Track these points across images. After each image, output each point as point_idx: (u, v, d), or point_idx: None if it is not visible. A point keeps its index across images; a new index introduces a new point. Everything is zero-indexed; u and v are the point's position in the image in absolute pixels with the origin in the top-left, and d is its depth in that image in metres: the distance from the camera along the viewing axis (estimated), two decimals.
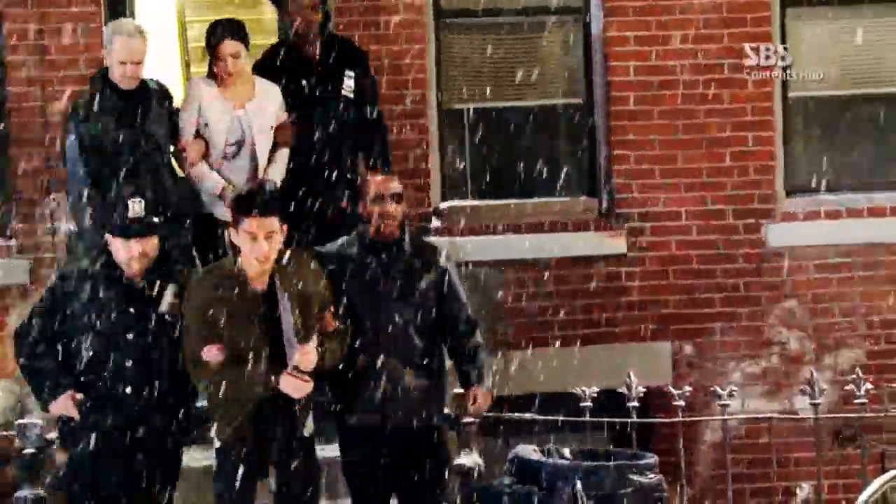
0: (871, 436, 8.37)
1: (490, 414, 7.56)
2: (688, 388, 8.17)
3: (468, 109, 9.35)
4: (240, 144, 7.86)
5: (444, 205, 9.21)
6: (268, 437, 6.50)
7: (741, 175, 9.29)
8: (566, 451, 7.45)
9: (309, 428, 6.61)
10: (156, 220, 6.49)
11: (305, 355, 6.37)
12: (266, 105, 7.90)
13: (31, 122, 8.92)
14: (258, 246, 6.32)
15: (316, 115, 8.12)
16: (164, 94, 7.77)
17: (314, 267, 6.63)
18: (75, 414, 6.45)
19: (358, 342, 6.72)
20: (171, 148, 7.81)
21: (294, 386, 6.38)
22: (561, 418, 7.81)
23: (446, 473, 6.94)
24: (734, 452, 8.38)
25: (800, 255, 9.27)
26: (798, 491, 8.43)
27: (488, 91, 9.37)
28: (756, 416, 8.70)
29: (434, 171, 9.23)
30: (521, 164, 9.30)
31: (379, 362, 6.74)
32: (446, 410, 6.99)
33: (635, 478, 7.62)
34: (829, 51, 9.59)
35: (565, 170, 9.42)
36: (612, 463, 7.41)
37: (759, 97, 9.32)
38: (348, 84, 8.22)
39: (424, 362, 6.88)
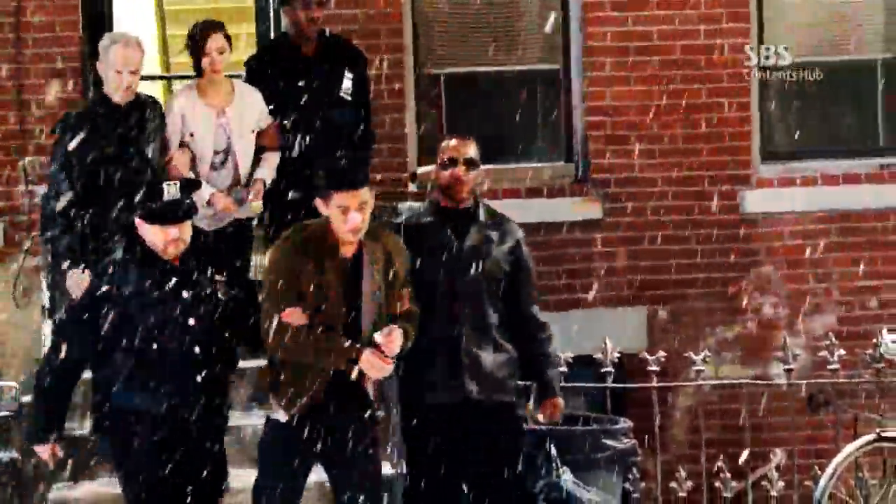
0: (843, 401, 8.41)
1: None
2: (662, 354, 8.19)
3: (445, 75, 9.33)
4: (225, 153, 7.71)
5: (420, 170, 9.13)
6: (336, 415, 6.17)
7: (717, 141, 9.29)
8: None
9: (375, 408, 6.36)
10: (189, 202, 6.20)
11: (391, 339, 6.08)
12: (245, 109, 7.73)
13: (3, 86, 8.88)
14: (351, 218, 6.03)
15: (312, 115, 7.93)
16: (156, 108, 7.57)
17: (400, 242, 6.39)
18: (51, 463, 6.32)
19: (432, 315, 6.49)
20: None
21: (376, 366, 6.06)
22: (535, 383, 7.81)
23: (520, 452, 6.81)
24: (708, 418, 8.41)
25: (775, 221, 9.28)
26: (772, 456, 8.42)
27: (465, 56, 9.35)
28: (730, 382, 8.72)
29: (410, 135, 9.17)
30: (498, 130, 9.28)
31: (455, 336, 6.58)
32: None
33: (609, 442, 7.63)
34: (805, 18, 9.58)
35: (542, 136, 9.44)
36: (585, 428, 7.44)
37: (736, 63, 9.31)
38: (346, 85, 8.07)
39: (498, 336, 6.71)
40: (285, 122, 7.86)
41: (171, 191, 6.12)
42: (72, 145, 7.23)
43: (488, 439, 6.65)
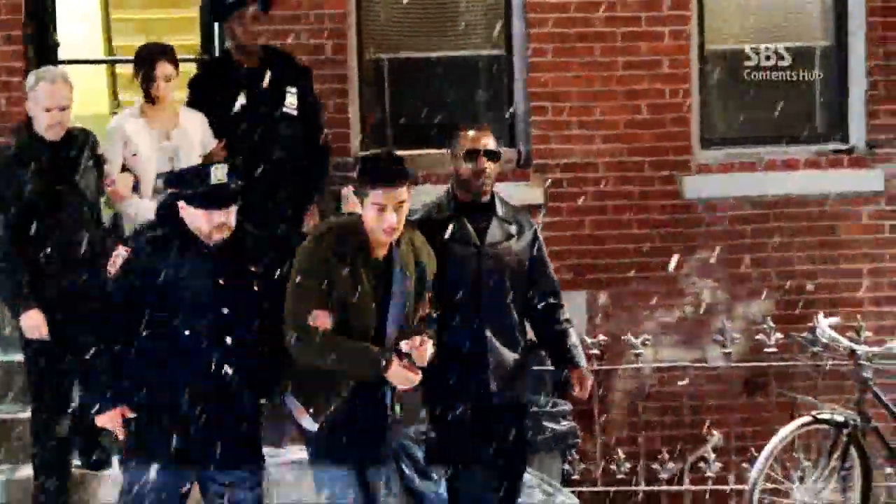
0: (780, 384, 8.52)
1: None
2: (602, 338, 8.27)
3: (388, 59, 9.31)
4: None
5: (363, 154, 9.14)
6: (362, 422, 5.93)
7: (657, 127, 9.33)
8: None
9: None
10: (235, 186, 5.89)
11: (422, 350, 5.82)
12: (191, 133, 7.62)
13: None
14: (386, 217, 5.74)
15: (255, 131, 7.82)
16: (89, 140, 7.29)
17: (429, 247, 6.10)
18: (120, 434, 5.98)
19: (455, 314, 6.27)
20: (100, 193, 7.40)
21: (404, 378, 5.80)
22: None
23: (525, 449, 6.78)
24: (648, 400, 8.50)
25: (714, 206, 9.36)
26: (709, 438, 8.53)
27: (409, 41, 9.34)
28: (669, 365, 8.83)
29: (353, 120, 9.17)
30: (441, 115, 9.25)
31: (480, 335, 6.36)
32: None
33: (549, 424, 7.72)
34: (746, 5, 9.64)
35: (484, 121, 9.23)
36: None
37: (676, 50, 9.34)
38: (290, 101, 7.96)
39: (518, 333, 6.54)
40: (230, 140, 7.72)
41: (218, 174, 5.82)
42: (3, 187, 6.97)
43: (498, 435, 6.48)
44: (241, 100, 7.83)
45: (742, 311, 9.25)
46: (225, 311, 5.81)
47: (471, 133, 6.47)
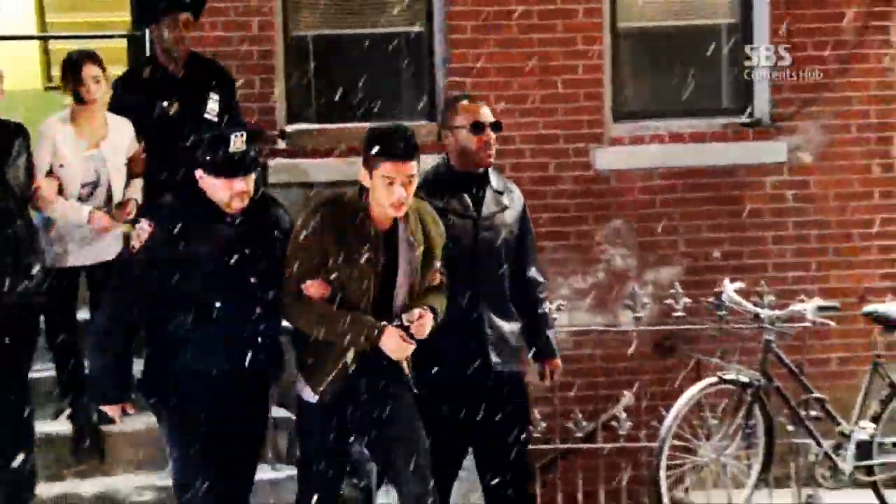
0: (688, 346, 8.66)
1: None
2: None
3: (313, 36, 9.35)
4: (94, 185, 7.43)
5: (289, 127, 9.21)
6: (368, 391, 5.80)
7: (571, 101, 9.39)
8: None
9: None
10: (254, 153, 5.75)
11: (422, 324, 5.69)
12: (119, 142, 7.51)
13: None
14: (395, 191, 5.58)
15: (173, 137, 7.41)
16: (22, 134, 7.13)
17: (437, 219, 5.94)
18: (118, 421, 6.11)
19: (452, 284, 6.06)
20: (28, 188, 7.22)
21: (398, 347, 5.66)
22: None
23: (528, 419, 6.65)
24: (563, 363, 8.62)
25: (626, 177, 9.43)
26: (621, 398, 8.67)
27: (333, 19, 9.38)
28: (582, 329, 8.95)
29: (280, 95, 9.20)
30: (364, 90, 9.31)
31: (477, 305, 6.20)
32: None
33: None
34: None
35: (406, 95, 9.50)
36: None
37: (590, 27, 9.40)
38: (212, 107, 7.88)
39: (511, 303, 6.40)
40: (153, 144, 7.62)
41: (237, 143, 5.66)
42: None
43: (501, 407, 6.32)
44: (165, 104, 7.77)
45: (652, 278, 9.35)
46: (252, 279, 5.69)
47: (473, 104, 6.35)
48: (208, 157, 5.63)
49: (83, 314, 7.64)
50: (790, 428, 8.52)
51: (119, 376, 5.76)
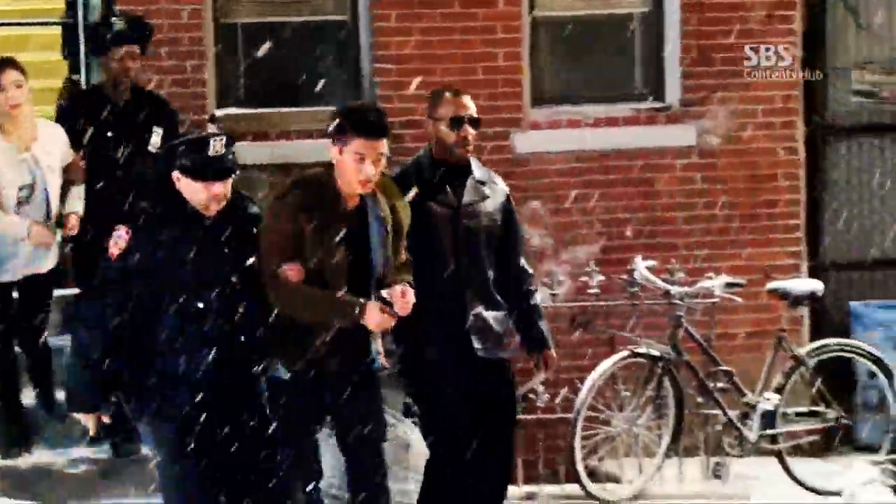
0: (602, 322, 8.80)
1: None
2: None
3: (242, 24, 9.36)
4: (31, 187, 7.35)
5: (219, 112, 9.21)
6: (341, 371, 5.73)
7: (492, 87, 9.37)
8: (541, 374, 7.60)
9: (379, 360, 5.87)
10: (232, 157, 5.63)
11: (406, 301, 5.61)
12: (51, 145, 7.41)
13: None
14: (364, 168, 5.56)
15: (118, 167, 7.66)
16: None
17: (402, 197, 5.92)
18: (93, 430, 5.81)
19: (434, 272, 6.06)
20: None
21: (381, 320, 5.57)
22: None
23: (515, 405, 6.56)
24: None
25: (544, 160, 9.48)
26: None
27: (261, 7, 9.39)
28: None
29: (210, 80, 9.19)
30: (292, 75, 9.36)
31: (459, 293, 6.20)
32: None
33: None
34: None
35: (333, 81, 9.49)
36: None
37: (509, 16, 9.42)
38: (155, 140, 7.77)
39: (495, 291, 6.37)
40: (92, 167, 7.56)
41: (216, 146, 5.55)
42: None
43: (486, 393, 6.32)
44: (108, 133, 7.68)
45: (568, 256, 9.40)
46: (234, 279, 5.60)
47: (455, 98, 6.32)
48: (187, 160, 5.52)
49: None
50: (699, 399, 8.70)
51: (95, 386, 5.61)
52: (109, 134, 7.69)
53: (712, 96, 9.68)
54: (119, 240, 5.58)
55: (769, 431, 8.75)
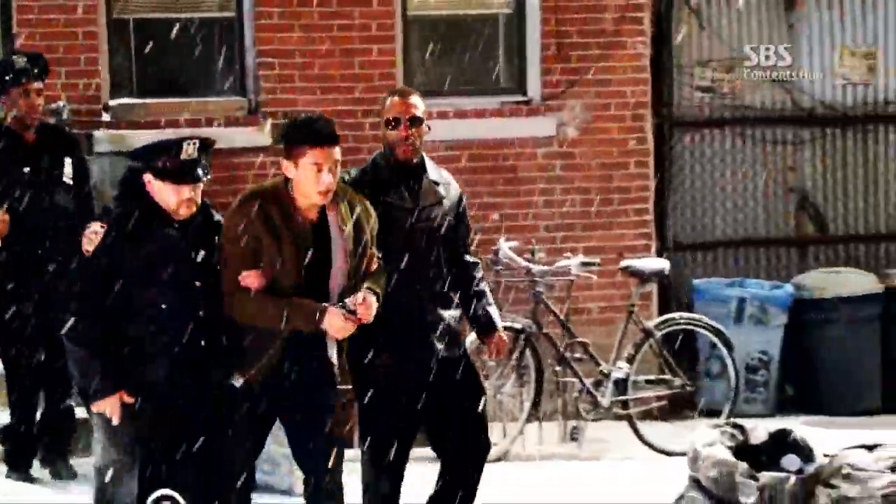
0: None
1: None
2: None
3: (134, 19, 9.36)
4: None
5: (112, 102, 9.21)
6: (295, 378, 5.43)
7: (368, 81, 9.44)
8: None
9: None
10: (205, 162, 5.35)
11: (367, 306, 5.34)
12: None
13: None
14: (323, 177, 5.27)
15: (35, 200, 7.45)
16: None
17: (367, 204, 5.58)
18: (116, 419, 5.35)
19: (390, 274, 5.69)
20: None
21: (341, 326, 5.30)
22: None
23: (483, 394, 6.17)
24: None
25: None
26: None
27: (151, 3, 9.42)
28: None
29: (103, 72, 9.17)
30: (182, 68, 9.41)
31: (417, 294, 5.82)
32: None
33: None
34: None
35: (220, 74, 9.54)
36: None
37: (383, 15, 9.50)
38: (67, 171, 7.57)
39: (450, 290, 6.02)
40: (12, 206, 7.37)
41: (189, 150, 5.28)
42: None
43: (451, 392, 5.95)
44: (23, 168, 7.47)
45: None
46: (197, 283, 5.35)
47: (394, 100, 5.97)
48: (158, 163, 5.29)
49: None
50: (557, 368, 8.90)
51: (106, 367, 5.33)
52: (26, 170, 7.49)
53: (569, 91, 9.81)
54: (93, 235, 5.35)
55: (621, 398, 8.98)
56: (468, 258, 6.23)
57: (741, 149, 10.57)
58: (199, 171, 5.34)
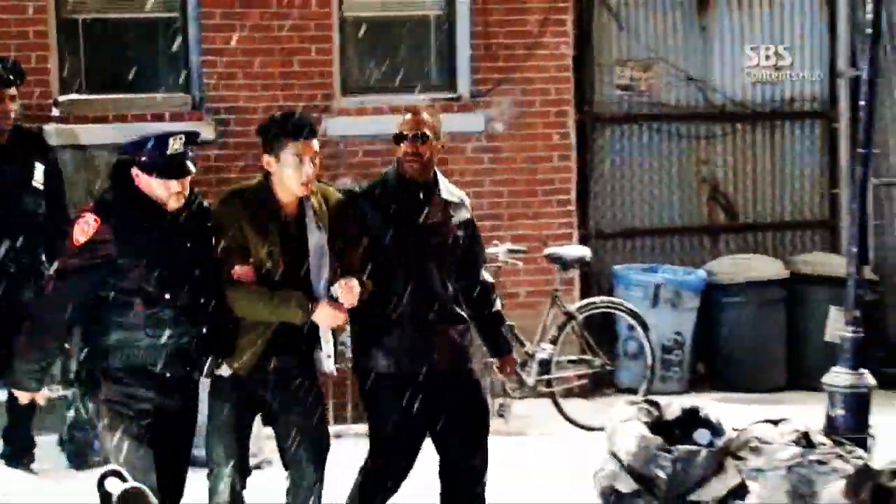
0: None
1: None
2: None
3: (83, 19, 9.26)
4: None
5: (62, 97, 9.14)
6: (280, 370, 5.41)
7: (307, 78, 9.44)
8: (500, 375, 7.47)
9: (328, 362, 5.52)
10: (191, 155, 5.25)
11: (350, 290, 5.31)
12: None
13: None
14: (304, 169, 5.29)
15: (7, 202, 7.29)
16: None
17: (341, 199, 5.57)
18: (42, 403, 5.34)
19: (396, 287, 5.56)
20: None
21: (331, 315, 5.32)
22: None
23: (488, 412, 5.99)
24: None
25: (352, 143, 9.49)
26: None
27: (99, 4, 9.29)
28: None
29: (53, 69, 9.08)
30: (128, 66, 9.29)
31: (421, 308, 5.61)
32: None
33: None
34: None
35: (165, 71, 9.49)
36: None
37: (321, 16, 9.46)
38: (38, 176, 7.42)
39: (457, 305, 5.80)
40: None
41: (175, 145, 5.16)
42: None
43: (454, 405, 5.76)
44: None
45: None
46: (196, 271, 5.25)
47: (405, 116, 5.80)
48: (145, 158, 5.16)
49: None
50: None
51: (44, 367, 5.25)
52: None
53: (497, 89, 9.80)
54: (87, 226, 5.15)
55: (545, 376, 9.05)
56: (483, 278, 6.02)
57: (657, 143, 10.63)
58: (187, 165, 5.24)
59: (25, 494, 6.88)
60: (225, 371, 5.43)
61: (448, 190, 5.89)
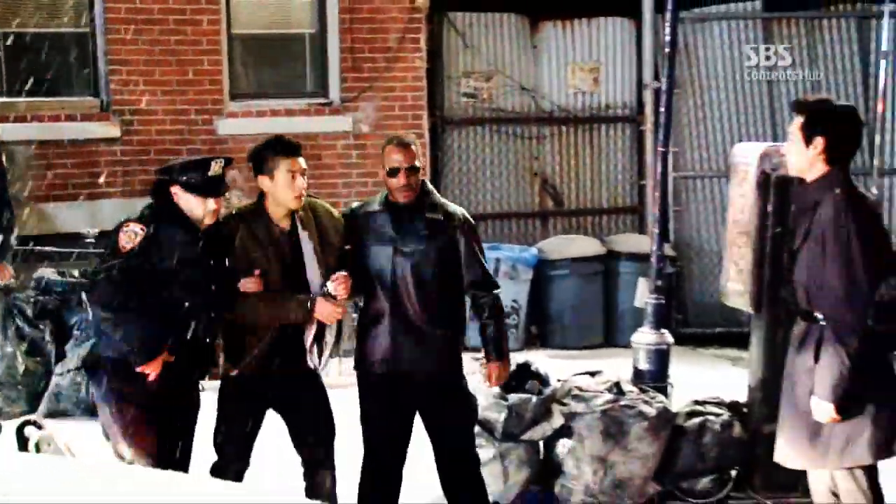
0: None
1: (22, 247, 7.52)
2: None
3: (4, 32, 9.09)
4: None
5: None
6: (281, 367, 5.16)
7: (200, 85, 9.46)
8: (76, 272, 7.58)
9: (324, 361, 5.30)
10: (226, 179, 5.04)
11: (340, 282, 5.07)
12: None
13: None
14: (297, 183, 5.09)
15: None
16: None
17: (331, 211, 5.34)
18: (153, 375, 4.91)
19: (382, 302, 5.23)
20: None
21: (329, 311, 5.07)
22: (75, 250, 7.90)
23: (471, 413, 5.55)
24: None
25: (240, 140, 9.26)
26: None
27: (17, 19, 9.15)
28: None
29: None
30: (44, 73, 9.10)
31: (407, 321, 5.22)
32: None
33: None
34: (259, 2, 9.77)
35: (77, 78, 9.38)
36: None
37: (211, 32, 9.48)
38: None
39: (447, 315, 5.31)
40: None
41: (215, 167, 4.97)
42: None
43: (443, 409, 5.41)
44: None
45: None
46: (213, 286, 5.02)
47: (393, 148, 5.26)
48: (187, 178, 4.97)
49: None
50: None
51: (148, 329, 4.93)
52: None
53: (362, 95, 9.84)
54: (134, 235, 4.89)
55: None
56: (485, 279, 5.44)
57: (497, 142, 10.71)
58: (223, 186, 5.08)
59: None
60: (232, 372, 5.22)
61: (436, 209, 5.36)
